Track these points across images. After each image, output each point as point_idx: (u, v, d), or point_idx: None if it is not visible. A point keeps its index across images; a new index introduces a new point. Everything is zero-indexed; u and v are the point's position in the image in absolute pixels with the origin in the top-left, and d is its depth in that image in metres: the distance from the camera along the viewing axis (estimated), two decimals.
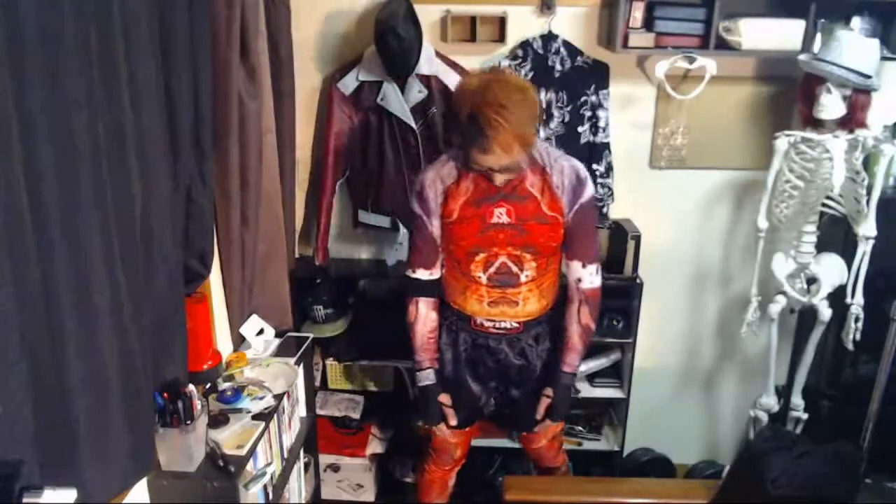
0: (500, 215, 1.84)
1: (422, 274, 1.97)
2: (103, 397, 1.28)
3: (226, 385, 1.92)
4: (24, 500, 1.06)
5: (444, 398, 2.04)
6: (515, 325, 1.96)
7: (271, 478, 1.93)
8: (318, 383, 2.63)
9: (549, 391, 2.01)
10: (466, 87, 1.74)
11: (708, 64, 2.22)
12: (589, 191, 1.86)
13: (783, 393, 2.57)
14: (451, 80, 2.33)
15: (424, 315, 1.99)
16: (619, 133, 2.49)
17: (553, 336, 2.02)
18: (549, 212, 1.84)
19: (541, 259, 1.89)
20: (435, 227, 1.91)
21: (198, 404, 1.61)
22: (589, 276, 1.94)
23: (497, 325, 1.96)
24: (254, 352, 2.14)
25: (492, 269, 1.89)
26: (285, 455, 2.12)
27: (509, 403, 2.10)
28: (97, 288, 1.24)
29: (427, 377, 2.01)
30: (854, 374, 2.48)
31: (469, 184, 1.85)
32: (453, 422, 2.06)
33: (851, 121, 2.07)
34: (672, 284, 2.69)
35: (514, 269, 1.89)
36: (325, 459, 2.64)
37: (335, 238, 2.62)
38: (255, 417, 1.84)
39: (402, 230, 2.49)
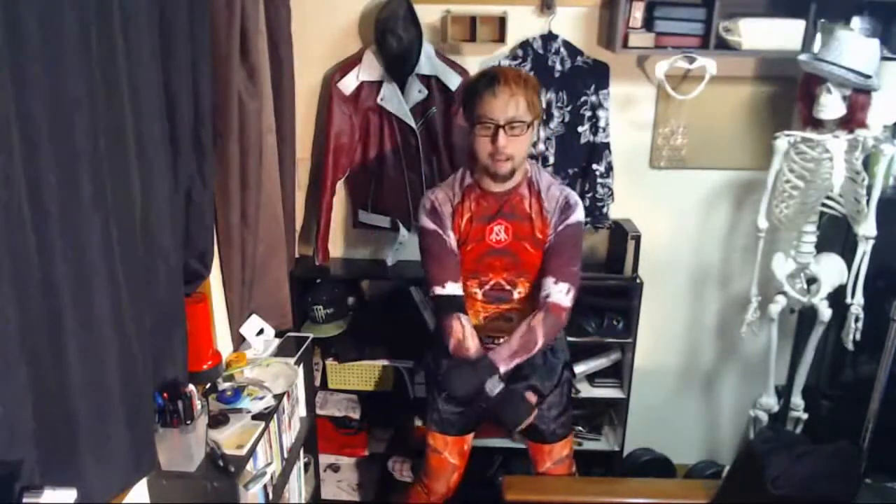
0: (499, 232, 1.86)
1: (451, 288, 1.86)
2: (103, 397, 1.28)
3: (226, 385, 1.92)
4: (24, 500, 1.06)
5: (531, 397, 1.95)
6: None
7: (271, 478, 1.93)
8: (318, 383, 2.63)
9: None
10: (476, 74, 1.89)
11: (708, 64, 2.22)
12: (577, 215, 1.87)
13: (783, 393, 2.57)
14: (451, 80, 2.33)
15: (469, 326, 1.86)
16: (619, 133, 2.49)
17: (549, 353, 2.02)
18: (540, 235, 1.87)
19: (534, 279, 1.91)
20: (452, 239, 1.89)
21: (198, 404, 1.61)
22: (558, 293, 1.83)
23: (494, 342, 1.95)
24: (254, 352, 2.13)
25: (487, 287, 1.93)
26: (285, 455, 2.12)
27: None
28: (97, 288, 1.24)
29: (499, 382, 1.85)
30: (854, 374, 2.49)
31: (471, 203, 1.87)
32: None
33: (851, 121, 2.07)
34: (672, 284, 2.69)
35: (507, 287, 1.93)
36: (325, 459, 2.64)
37: (335, 238, 2.61)
38: (255, 417, 1.84)
39: (402, 230, 2.49)
